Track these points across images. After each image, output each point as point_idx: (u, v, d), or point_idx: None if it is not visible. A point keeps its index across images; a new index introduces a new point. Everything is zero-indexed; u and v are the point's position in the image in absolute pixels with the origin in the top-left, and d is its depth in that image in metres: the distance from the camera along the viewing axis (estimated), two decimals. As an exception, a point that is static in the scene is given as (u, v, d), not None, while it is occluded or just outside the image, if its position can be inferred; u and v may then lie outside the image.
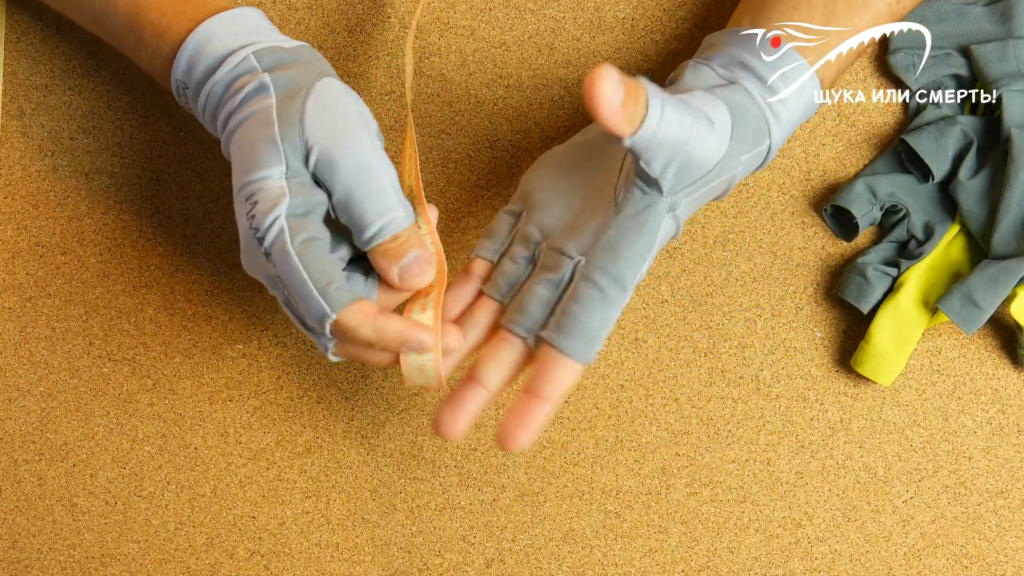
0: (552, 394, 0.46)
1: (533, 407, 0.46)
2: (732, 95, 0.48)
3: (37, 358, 0.63)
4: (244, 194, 0.47)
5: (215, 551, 0.64)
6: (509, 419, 0.46)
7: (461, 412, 0.48)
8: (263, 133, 0.47)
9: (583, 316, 0.46)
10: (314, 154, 0.46)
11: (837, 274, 0.61)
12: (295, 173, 0.46)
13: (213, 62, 0.49)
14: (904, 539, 0.61)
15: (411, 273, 0.47)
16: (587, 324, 0.46)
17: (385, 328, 0.45)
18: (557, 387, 0.46)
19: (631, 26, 0.61)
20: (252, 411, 0.63)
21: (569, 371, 0.47)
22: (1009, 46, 0.57)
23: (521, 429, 0.46)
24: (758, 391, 0.61)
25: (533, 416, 0.46)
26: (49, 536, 0.64)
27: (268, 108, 0.47)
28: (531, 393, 0.47)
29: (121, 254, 0.63)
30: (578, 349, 0.46)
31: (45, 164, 0.63)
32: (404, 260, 0.47)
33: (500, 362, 0.48)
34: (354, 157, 0.46)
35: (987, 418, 0.60)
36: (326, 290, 0.44)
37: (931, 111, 0.59)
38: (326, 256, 0.45)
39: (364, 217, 0.47)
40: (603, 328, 0.47)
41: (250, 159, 0.47)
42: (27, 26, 0.62)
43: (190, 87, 0.50)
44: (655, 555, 0.62)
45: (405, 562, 0.63)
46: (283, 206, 0.45)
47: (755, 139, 0.49)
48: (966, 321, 0.56)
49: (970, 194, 0.57)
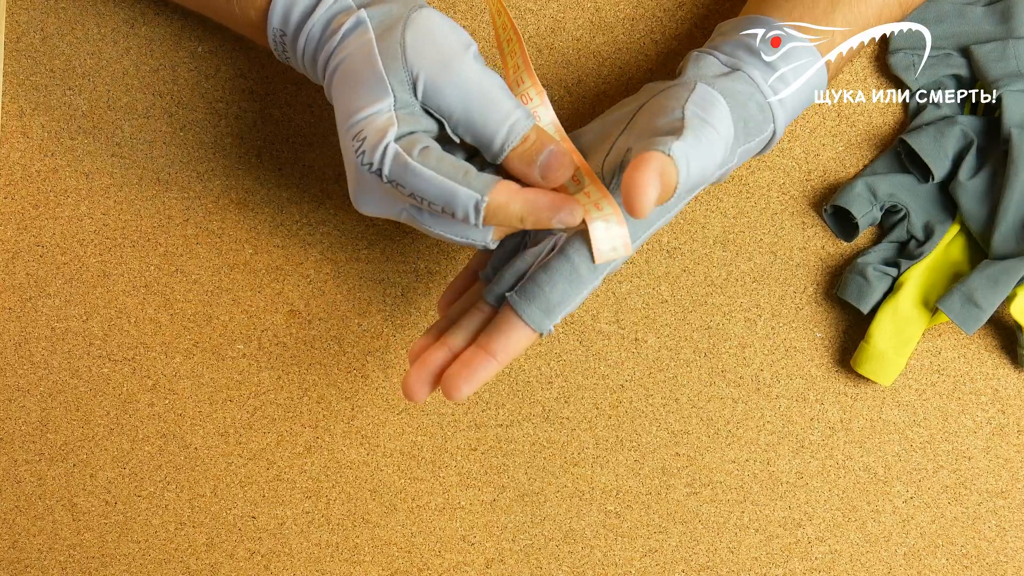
0: (501, 354, 0.47)
1: (481, 361, 0.46)
2: (733, 84, 0.49)
3: (37, 358, 0.63)
4: (352, 133, 0.47)
5: (215, 551, 0.64)
6: (456, 368, 0.46)
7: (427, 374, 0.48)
8: (367, 69, 0.47)
9: (547, 285, 0.47)
10: (420, 83, 0.46)
11: (837, 274, 0.61)
12: (404, 104, 0.46)
13: (308, 4, 0.49)
14: (904, 539, 0.61)
15: (551, 168, 0.47)
16: (549, 294, 0.46)
17: (535, 200, 0.45)
18: (507, 348, 0.47)
19: (631, 26, 0.61)
20: (252, 411, 0.63)
21: (522, 335, 0.47)
22: (1009, 46, 0.57)
23: (465, 381, 0.46)
24: (758, 391, 0.61)
25: (479, 371, 0.46)
26: (49, 536, 0.64)
27: (368, 43, 0.47)
28: (482, 347, 0.47)
29: (121, 254, 0.63)
30: (535, 316, 0.46)
31: (45, 164, 0.63)
32: (541, 158, 0.47)
33: (468, 326, 0.49)
34: (460, 78, 0.46)
35: (987, 418, 0.60)
36: (467, 179, 0.45)
37: (931, 111, 0.59)
38: (448, 155, 0.46)
39: (487, 129, 0.47)
40: (564, 302, 0.47)
41: (357, 97, 0.47)
42: (27, 26, 0.62)
43: (287, 34, 0.50)
44: (655, 555, 0.62)
45: (405, 562, 0.63)
46: (392, 133, 0.45)
47: (756, 129, 0.49)
48: (966, 321, 0.56)
49: (970, 194, 0.57)
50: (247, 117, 0.62)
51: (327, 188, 0.62)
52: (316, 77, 0.51)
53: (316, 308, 0.62)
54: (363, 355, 0.62)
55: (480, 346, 0.47)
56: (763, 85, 0.49)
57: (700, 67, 0.50)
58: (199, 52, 0.62)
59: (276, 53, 0.52)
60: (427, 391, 0.48)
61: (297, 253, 0.62)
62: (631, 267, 0.61)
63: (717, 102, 0.47)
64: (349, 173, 0.48)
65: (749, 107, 0.48)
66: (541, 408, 0.62)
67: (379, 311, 0.62)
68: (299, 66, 0.52)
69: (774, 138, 0.51)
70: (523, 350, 0.48)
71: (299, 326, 0.63)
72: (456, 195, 0.45)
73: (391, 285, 0.62)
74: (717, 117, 0.47)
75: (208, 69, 0.62)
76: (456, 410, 0.62)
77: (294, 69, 0.61)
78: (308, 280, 0.62)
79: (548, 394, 0.62)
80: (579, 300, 0.47)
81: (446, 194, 0.45)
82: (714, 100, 0.47)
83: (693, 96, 0.47)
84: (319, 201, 0.62)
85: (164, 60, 0.62)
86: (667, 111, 0.47)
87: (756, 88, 0.49)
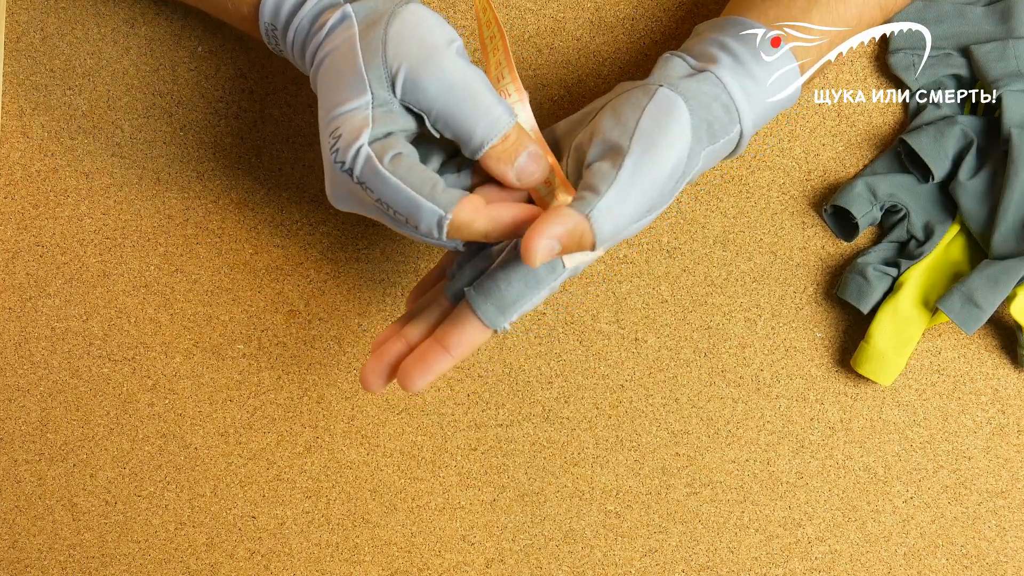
0: (456, 349, 0.47)
1: (437, 356, 0.46)
2: (698, 85, 0.48)
3: (37, 358, 0.63)
4: (328, 129, 0.47)
5: (215, 551, 0.64)
6: (411, 361, 0.47)
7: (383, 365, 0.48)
8: (347, 65, 0.47)
9: (504, 283, 0.46)
10: (400, 79, 0.46)
11: (837, 274, 0.61)
12: (381, 102, 0.46)
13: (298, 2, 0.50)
14: (904, 539, 0.61)
15: (528, 171, 0.47)
16: (506, 292, 0.46)
17: (499, 218, 0.45)
18: (462, 344, 0.47)
19: (631, 26, 0.61)
20: (252, 411, 0.63)
21: (476, 332, 0.47)
22: (1009, 46, 0.57)
23: (419, 374, 0.46)
24: (758, 391, 0.61)
25: (434, 365, 0.46)
26: (49, 536, 0.64)
27: (351, 38, 0.47)
28: (438, 341, 0.47)
29: (121, 254, 0.63)
30: (489, 313, 0.46)
31: (45, 164, 0.63)
32: (519, 161, 0.47)
33: (426, 319, 0.49)
34: (441, 72, 0.46)
35: (987, 418, 0.60)
36: (432, 194, 0.45)
37: (931, 111, 0.59)
38: (418, 165, 0.46)
39: (466, 124, 0.46)
40: (520, 301, 0.46)
41: (334, 93, 0.47)
42: (27, 26, 0.62)
43: (278, 28, 0.50)
44: (655, 555, 0.62)
45: (405, 562, 0.63)
46: (365, 135, 0.45)
47: (722, 130, 0.48)
48: (966, 321, 0.56)
49: (970, 194, 0.57)
50: (247, 117, 0.62)
51: (327, 188, 0.62)
52: (305, 69, 0.51)
53: (316, 308, 0.62)
54: (363, 355, 0.62)
55: (435, 339, 0.47)
56: (731, 85, 0.48)
57: (667, 69, 0.50)
58: (199, 52, 0.62)
59: (270, 46, 0.52)
60: (383, 381, 0.48)
61: (297, 253, 0.62)
62: (631, 267, 0.61)
63: (675, 109, 0.46)
64: (325, 168, 0.48)
65: (713, 108, 0.48)
66: (541, 408, 0.62)
67: (379, 311, 0.62)
68: (291, 57, 0.52)
69: (742, 139, 0.50)
70: (477, 346, 0.48)
71: (299, 326, 0.63)
72: (420, 209, 0.44)
73: (391, 285, 0.62)
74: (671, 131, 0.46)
75: (208, 69, 0.62)
76: (456, 410, 0.62)
77: (294, 67, 0.61)
78: (308, 280, 0.62)
79: (548, 394, 0.62)
80: (537, 300, 0.47)
81: (411, 207, 0.45)
82: (672, 107, 0.46)
83: (650, 106, 0.46)
84: (319, 201, 0.62)
85: (164, 60, 0.62)
86: (622, 120, 0.46)
87: (723, 88, 0.48)
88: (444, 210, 0.44)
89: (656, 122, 0.46)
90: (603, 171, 0.44)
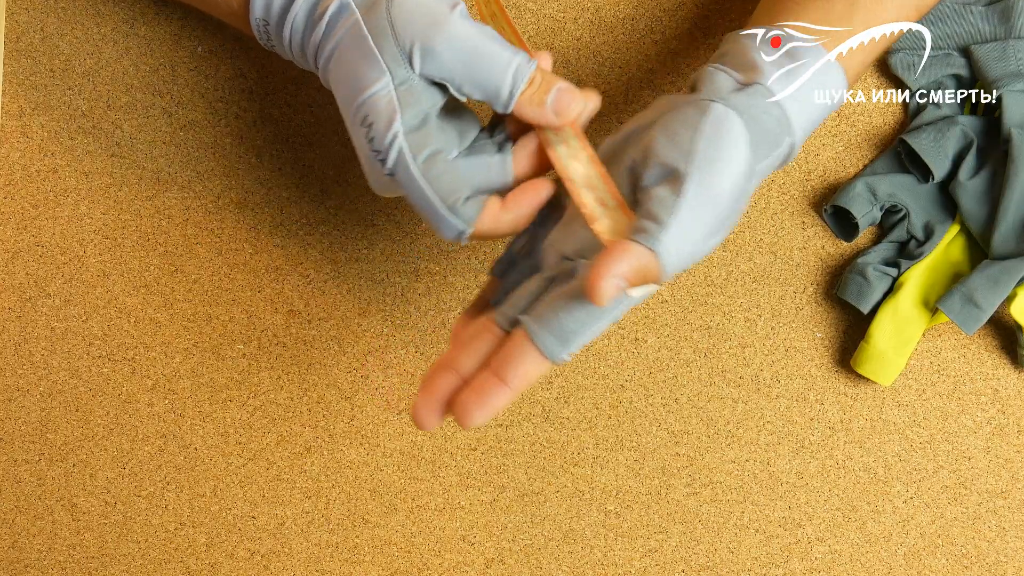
0: (515, 381, 0.44)
1: (494, 389, 0.44)
2: (749, 100, 0.47)
3: (37, 358, 0.63)
4: (358, 118, 0.47)
5: (215, 551, 0.64)
6: (469, 395, 0.44)
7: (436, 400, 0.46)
8: (359, 51, 0.47)
9: (564, 312, 0.44)
10: (416, 54, 0.46)
11: (837, 274, 0.61)
12: (402, 80, 0.47)
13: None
14: (904, 539, 0.61)
15: (564, 103, 0.47)
16: (566, 321, 0.44)
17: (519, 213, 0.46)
18: (521, 376, 0.44)
19: (631, 26, 0.61)
20: (252, 411, 0.63)
21: (535, 363, 0.44)
22: (1009, 46, 0.57)
23: (479, 408, 0.44)
24: (758, 391, 0.61)
25: (493, 399, 0.44)
26: (49, 536, 0.64)
27: (356, 25, 0.47)
28: (495, 374, 0.44)
29: (121, 254, 0.63)
30: (549, 344, 0.44)
31: (45, 164, 0.63)
32: (550, 99, 0.47)
33: (478, 350, 0.46)
34: (453, 37, 0.46)
35: (987, 418, 0.60)
36: (455, 207, 0.45)
37: (931, 111, 0.59)
38: (450, 168, 0.46)
39: (491, 82, 0.46)
40: (582, 331, 0.44)
41: (354, 82, 0.47)
42: (27, 26, 0.62)
43: (271, 23, 0.50)
44: (655, 555, 0.62)
45: (405, 562, 0.63)
46: (398, 122, 0.46)
47: (773, 143, 0.47)
48: (966, 321, 0.56)
49: (970, 194, 0.57)
50: (247, 117, 0.62)
51: (327, 188, 0.62)
52: (305, 65, 0.51)
53: (316, 308, 0.62)
54: (363, 355, 0.62)
55: (494, 373, 0.44)
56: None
57: (714, 83, 0.48)
58: (199, 52, 0.62)
59: (262, 42, 0.52)
60: (438, 418, 0.45)
61: (297, 253, 0.62)
62: (631, 267, 0.61)
63: (732, 127, 0.45)
64: (361, 158, 0.48)
65: (765, 121, 0.47)
66: (541, 408, 0.62)
67: (379, 311, 0.62)
68: (286, 54, 0.52)
69: (792, 151, 0.48)
70: (536, 378, 0.45)
71: (299, 326, 0.63)
72: (443, 220, 0.46)
73: (391, 285, 0.62)
74: (729, 151, 0.44)
75: (208, 69, 0.62)
76: (456, 410, 0.62)
77: (294, 67, 0.61)
78: (308, 280, 0.62)
79: (548, 394, 0.62)
80: (597, 330, 0.44)
81: (435, 216, 0.46)
82: (730, 126, 0.45)
83: (705, 125, 0.45)
84: (319, 201, 0.62)
85: (164, 60, 0.62)
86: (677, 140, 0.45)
87: (774, 102, 0.47)
88: (466, 224, 0.45)
89: (713, 142, 0.44)
90: (663, 198, 0.43)
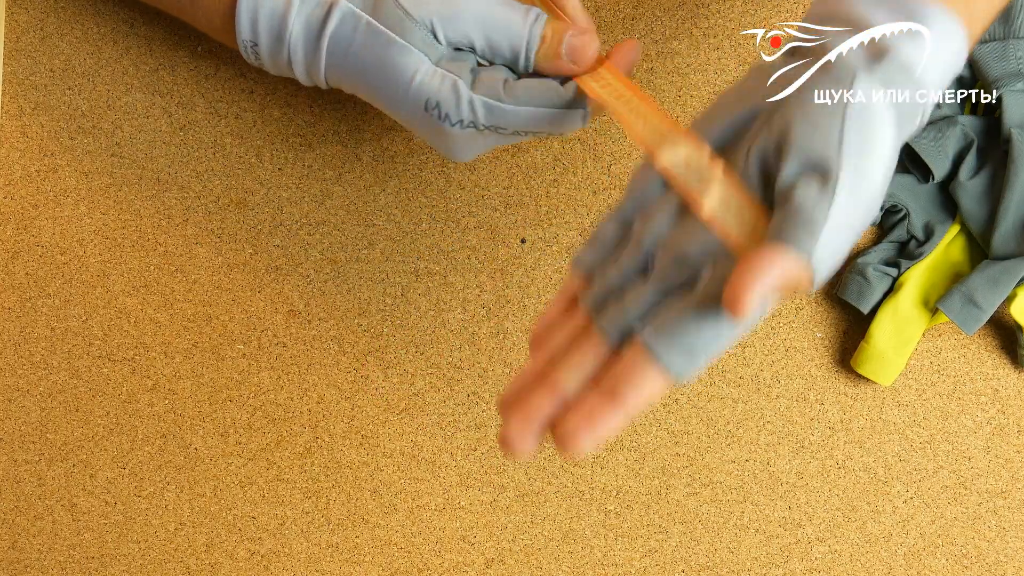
0: (631, 401, 0.38)
1: (606, 412, 0.38)
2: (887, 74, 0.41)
3: (37, 358, 0.63)
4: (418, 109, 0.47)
5: (215, 551, 0.64)
6: (577, 420, 0.38)
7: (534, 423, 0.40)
8: (384, 49, 0.47)
9: (692, 324, 0.38)
10: (439, 28, 0.47)
11: (837, 274, 0.61)
12: (438, 56, 0.47)
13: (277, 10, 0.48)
14: (904, 539, 0.61)
15: (576, 50, 0.48)
16: (694, 336, 0.38)
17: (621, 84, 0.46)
18: (639, 395, 0.38)
19: (631, 26, 0.61)
20: (252, 411, 0.63)
21: (656, 381, 0.39)
22: (1009, 46, 0.57)
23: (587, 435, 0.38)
24: (758, 391, 0.61)
25: (605, 424, 0.38)
26: (49, 536, 0.64)
27: (368, 27, 0.47)
28: (608, 393, 0.39)
29: (121, 254, 0.63)
30: (675, 359, 0.38)
31: (45, 164, 0.63)
32: (564, 48, 0.47)
33: (581, 364, 0.40)
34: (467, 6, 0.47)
35: (987, 418, 0.60)
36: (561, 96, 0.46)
37: (931, 111, 0.59)
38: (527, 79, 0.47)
39: (511, 46, 0.48)
40: (710, 346, 0.38)
41: (394, 77, 0.47)
42: (27, 26, 0.62)
43: (262, 46, 0.49)
44: (655, 555, 0.62)
45: (405, 562, 0.63)
46: (463, 86, 0.47)
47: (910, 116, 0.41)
48: (966, 321, 0.56)
49: (970, 194, 0.57)
50: (247, 117, 0.62)
51: (327, 188, 0.62)
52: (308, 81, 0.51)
53: (316, 308, 0.62)
54: (363, 355, 0.62)
55: (606, 393, 0.39)
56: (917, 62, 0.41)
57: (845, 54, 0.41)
58: (199, 52, 0.62)
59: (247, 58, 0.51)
60: (534, 444, 0.40)
61: (297, 253, 0.62)
62: (631, 267, 0.61)
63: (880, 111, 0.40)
64: (436, 142, 0.49)
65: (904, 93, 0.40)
66: (541, 408, 0.62)
67: (379, 311, 0.62)
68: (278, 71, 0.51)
69: (923, 117, 0.42)
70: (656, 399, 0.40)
71: (299, 326, 0.63)
72: (564, 118, 0.46)
73: (391, 285, 0.62)
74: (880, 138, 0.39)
75: (208, 69, 0.62)
76: (456, 410, 0.62)
77: None
78: (308, 280, 0.62)
79: (548, 394, 0.62)
80: (726, 345, 0.39)
81: (552, 120, 0.46)
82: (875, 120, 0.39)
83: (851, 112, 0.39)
84: (319, 201, 0.62)
85: (164, 60, 0.62)
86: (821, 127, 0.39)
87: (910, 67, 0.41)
88: (582, 106, 0.46)
89: (863, 131, 0.39)
90: (813, 198, 0.38)
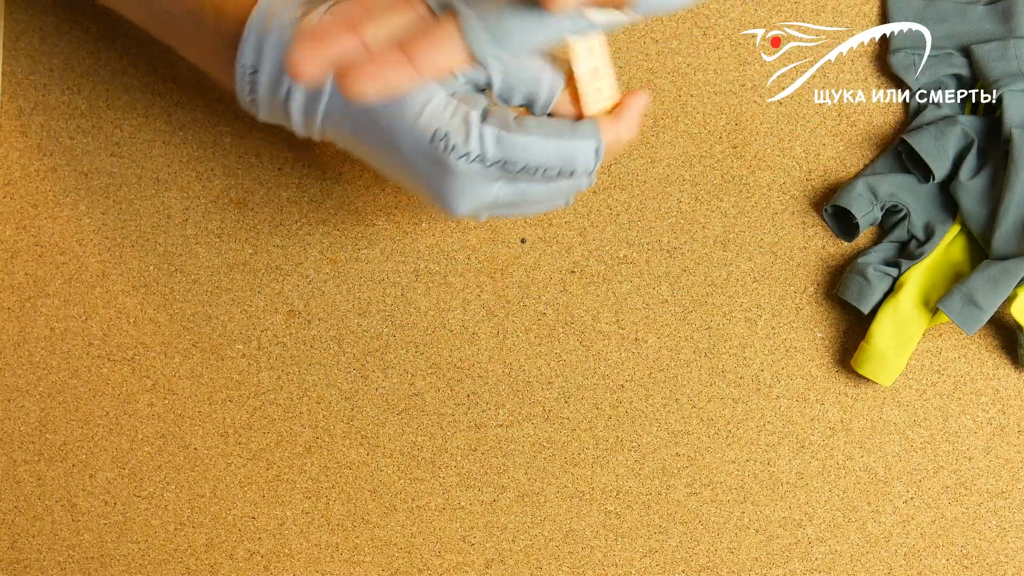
0: (424, 67, 0.39)
1: (396, 66, 0.39)
2: None
3: (37, 358, 0.63)
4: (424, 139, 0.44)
5: (215, 551, 0.64)
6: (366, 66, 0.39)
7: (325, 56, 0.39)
8: None
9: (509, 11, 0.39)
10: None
11: (837, 274, 0.61)
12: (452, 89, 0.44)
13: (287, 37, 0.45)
14: (904, 539, 0.61)
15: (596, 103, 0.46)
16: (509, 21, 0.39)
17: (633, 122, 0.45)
18: (433, 63, 0.39)
19: (631, 26, 0.61)
20: (252, 411, 0.63)
21: (454, 54, 0.39)
22: (1010, 46, 0.57)
23: (368, 80, 0.38)
24: (758, 391, 0.61)
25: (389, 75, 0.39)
26: (49, 536, 0.64)
27: None
28: (403, 50, 0.39)
29: (121, 254, 0.63)
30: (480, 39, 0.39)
31: (45, 164, 0.63)
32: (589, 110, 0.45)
33: (393, 22, 0.40)
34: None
35: (987, 418, 0.60)
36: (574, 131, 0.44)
37: (931, 111, 0.59)
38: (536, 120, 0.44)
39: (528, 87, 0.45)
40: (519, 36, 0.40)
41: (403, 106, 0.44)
42: (26, 26, 0.62)
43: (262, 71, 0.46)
44: (655, 555, 0.62)
45: (405, 562, 0.63)
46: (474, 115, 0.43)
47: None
48: (967, 321, 0.56)
49: (970, 194, 0.57)
50: (247, 117, 0.62)
51: (327, 188, 0.62)
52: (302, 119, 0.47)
53: (316, 308, 0.62)
54: (363, 355, 0.62)
55: (400, 47, 0.39)
56: None
57: None
58: (199, 52, 0.62)
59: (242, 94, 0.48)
60: (319, 72, 0.39)
61: (297, 253, 0.62)
62: (631, 267, 0.61)
63: None
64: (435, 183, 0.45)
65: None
66: (541, 408, 0.62)
67: (379, 311, 0.62)
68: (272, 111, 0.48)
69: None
70: (448, 69, 0.40)
71: (299, 326, 0.63)
72: (576, 151, 0.43)
73: (391, 285, 0.62)
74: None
75: (208, 69, 0.62)
76: (456, 410, 0.62)
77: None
78: (308, 280, 0.62)
79: (548, 394, 0.62)
80: (535, 41, 0.40)
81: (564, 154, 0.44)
82: None
83: None
84: (319, 201, 0.62)
85: (164, 60, 0.62)
86: None
87: None
88: (595, 139, 0.44)
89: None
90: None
